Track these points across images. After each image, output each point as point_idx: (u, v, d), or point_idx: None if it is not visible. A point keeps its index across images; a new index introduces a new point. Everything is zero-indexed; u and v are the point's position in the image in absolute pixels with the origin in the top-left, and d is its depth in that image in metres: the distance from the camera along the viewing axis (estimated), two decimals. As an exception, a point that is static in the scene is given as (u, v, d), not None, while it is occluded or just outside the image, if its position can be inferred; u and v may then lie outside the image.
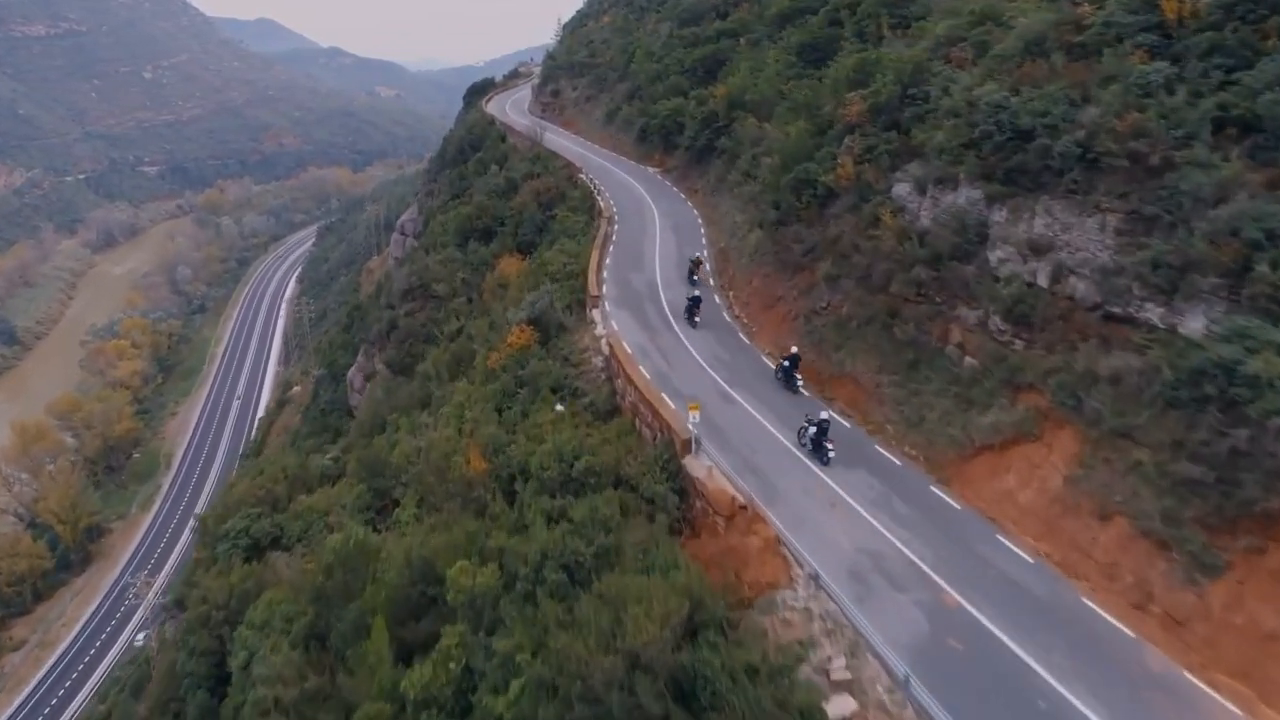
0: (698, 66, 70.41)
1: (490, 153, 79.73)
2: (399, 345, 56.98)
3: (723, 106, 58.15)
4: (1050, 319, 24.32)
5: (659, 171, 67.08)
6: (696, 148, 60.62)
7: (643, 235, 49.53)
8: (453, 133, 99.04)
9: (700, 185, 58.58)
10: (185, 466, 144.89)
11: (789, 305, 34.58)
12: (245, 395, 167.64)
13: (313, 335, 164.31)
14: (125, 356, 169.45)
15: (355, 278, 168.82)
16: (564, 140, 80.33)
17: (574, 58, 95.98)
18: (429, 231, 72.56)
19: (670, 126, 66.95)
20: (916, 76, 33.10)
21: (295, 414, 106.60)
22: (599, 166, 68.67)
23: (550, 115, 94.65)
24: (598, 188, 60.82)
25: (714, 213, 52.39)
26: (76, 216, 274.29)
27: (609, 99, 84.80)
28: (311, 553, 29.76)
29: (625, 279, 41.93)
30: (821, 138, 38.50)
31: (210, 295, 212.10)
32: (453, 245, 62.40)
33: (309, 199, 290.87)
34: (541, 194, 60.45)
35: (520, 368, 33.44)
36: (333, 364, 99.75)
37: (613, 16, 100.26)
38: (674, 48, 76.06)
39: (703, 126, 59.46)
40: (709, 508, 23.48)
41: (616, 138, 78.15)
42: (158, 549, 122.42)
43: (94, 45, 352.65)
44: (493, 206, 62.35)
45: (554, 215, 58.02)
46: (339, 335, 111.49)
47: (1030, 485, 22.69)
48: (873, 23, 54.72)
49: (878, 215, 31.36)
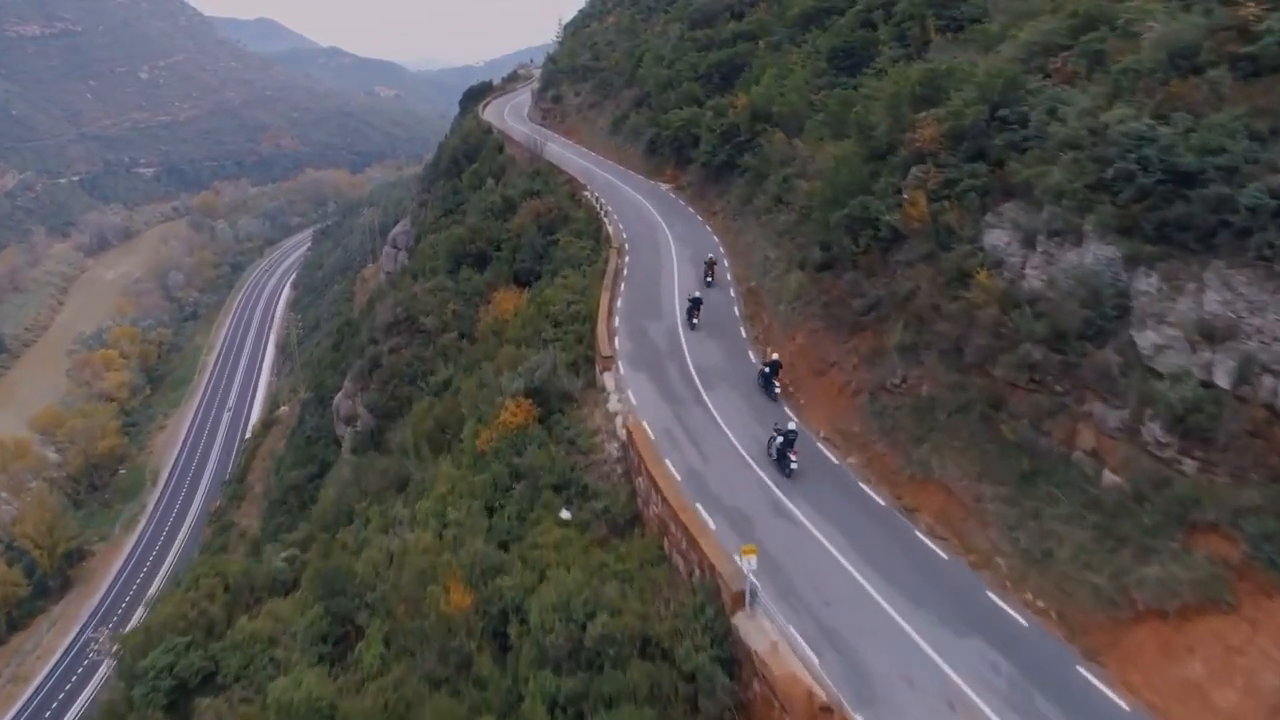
0: (713, 72, 63.55)
1: (486, 165, 72.90)
2: (382, 386, 50.22)
3: (745, 118, 51.35)
4: (1238, 435, 17.55)
5: (671, 188, 60.26)
6: (715, 164, 53.78)
7: (658, 269, 42.73)
8: (448, 140, 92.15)
9: (720, 206, 51.77)
10: (172, 483, 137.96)
11: (846, 375, 27.76)
12: (237, 406, 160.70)
13: (303, 348, 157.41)
14: (113, 367, 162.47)
15: (349, 286, 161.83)
16: (566, 152, 73.53)
17: (576, 61, 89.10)
18: (418, 253, 65.73)
19: (684, 139, 60.11)
20: (1009, 94, 26.29)
21: (282, 437, 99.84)
22: (605, 183, 61.88)
23: (551, 122, 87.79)
24: (604, 208, 54.02)
25: (738, 241, 45.59)
26: (69, 219, 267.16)
27: (615, 106, 77.99)
28: (250, 702, 22.96)
29: (641, 328, 35.12)
30: (878, 164, 31.73)
31: (203, 302, 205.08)
32: (443, 271, 55.59)
33: (306, 201, 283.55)
34: (542, 215, 53.64)
35: (516, 453, 26.67)
36: (320, 386, 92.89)
37: (618, 17, 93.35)
38: (686, 51, 69.19)
39: (722, 141, 52.62)
40: (775, 700, 16.73)
41: (623, 149, 71.32)
42: (140, 574, 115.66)
43: (89, 45, 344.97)
44: (488, 229, 55.53)
45: (556, 240, 51.23)
46: (328, 353, 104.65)
47: (1230, 681, 15.90)
48: (915, 25, 47.96)
49: (965, 270, 24.55)
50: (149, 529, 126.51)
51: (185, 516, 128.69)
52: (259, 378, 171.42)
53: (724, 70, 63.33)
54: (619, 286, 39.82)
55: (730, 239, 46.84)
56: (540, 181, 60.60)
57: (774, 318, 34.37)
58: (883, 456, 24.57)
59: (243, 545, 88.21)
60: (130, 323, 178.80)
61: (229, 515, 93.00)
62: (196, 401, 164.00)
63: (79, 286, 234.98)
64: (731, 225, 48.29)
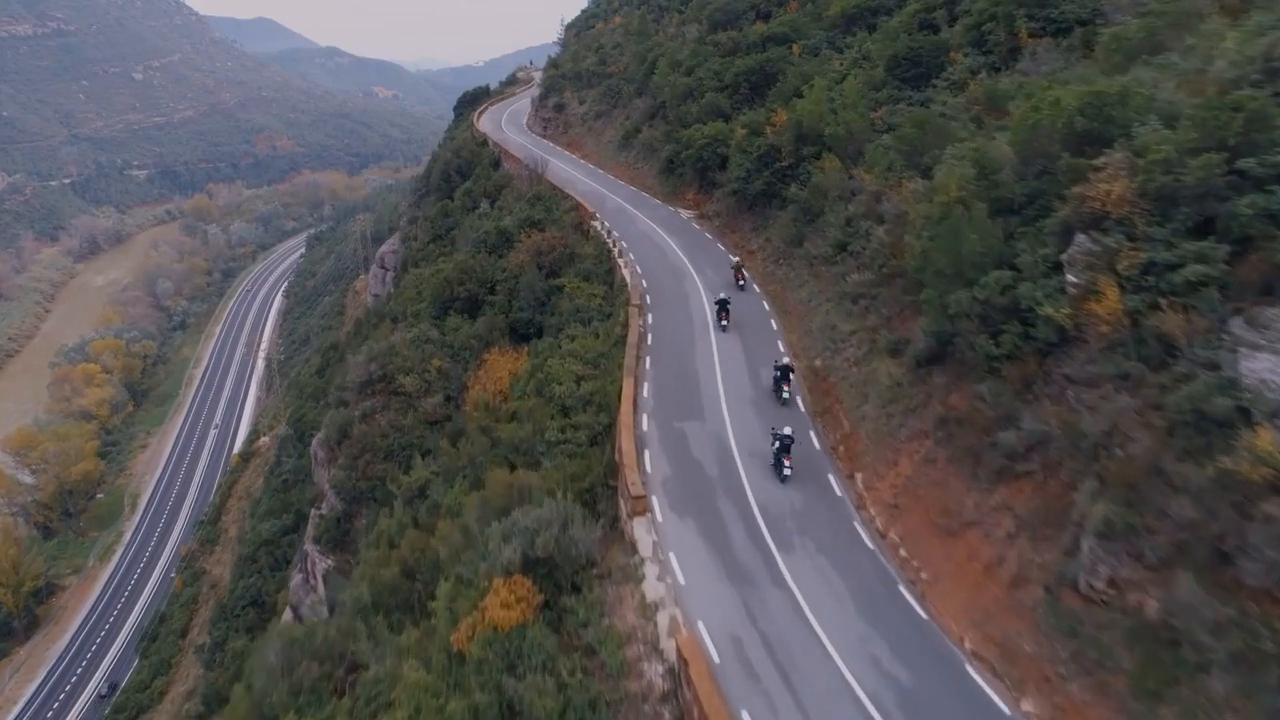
0: (740, 82, 54.11)
1: (480, 183, 63.51)
2: (351, 463, 40.86)
3: (787, 139, 41.96)
4: None
5: (693, 216, 50.91)
6: (750, 192, 44.43)
7: (691, 336, 33.27)
8: (439, 151, 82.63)
9: (758, 245, 42.38)
10: (152, 509, 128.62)
11: (996, 547, 18.40)
12: (224, 424, 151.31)
13: (290, 364, 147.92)
14: (94, 383, 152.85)
15: (340, 298, 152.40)
16: (570, 169, 64.12)
17: (580, 66, 79.55)
18: (399, 292, 56.33)
19: (708, 159, 50.74)
20: (1255, 136, 17.04)
21: (260, 472, 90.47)
22: (616, 209, 52.52)
23: (553, 133, 78.33)
24: (617, 244, 44.67)
25: (787, 295, 36.24)
26: (59, 223, 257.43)
27: (624, 117, 68.55)
28: None
29: (678, 437, 25.73)
30: (1011, 221, 22.45)
31: (192, 310, 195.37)
32: (427, 318, 46.27)
33: (301, 204, 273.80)
34: (544, 253, 44.28)
35: (509, 669, 17.40)
36: (300, 420, 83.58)
37: (625, 17, 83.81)
38: (706, 57, 59.75)
39: (760, 165, 43.21)
40: None
41: (635, 166, 61.94)
42: (113, 612, 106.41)
43: (82, 45, 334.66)
44: (480, 267, 46.17)
45: (560, 286, 41.89)
46: (311, 380, 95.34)
47: None
48: (997, 27, 38.68)
49: (1211, 414, 15.34)
50: (125, 560, 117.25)
51: (165, 546, 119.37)
52: (247, 393, 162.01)
53: (753, 79, 53.94)
54: (643, 365, 30.44)
55: (775, 290, 37.48)
56: (541, 208, 51.22)
57: (856, 423, 25.01)
58: (1084, 709, 15.29)
59: (212, 599, 79.33)
60: (114, 335, 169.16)
61: (201, 561, 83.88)
62: (181, 418, 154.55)
63: (67, 293, 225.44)
64: (775, 271, 38.92)
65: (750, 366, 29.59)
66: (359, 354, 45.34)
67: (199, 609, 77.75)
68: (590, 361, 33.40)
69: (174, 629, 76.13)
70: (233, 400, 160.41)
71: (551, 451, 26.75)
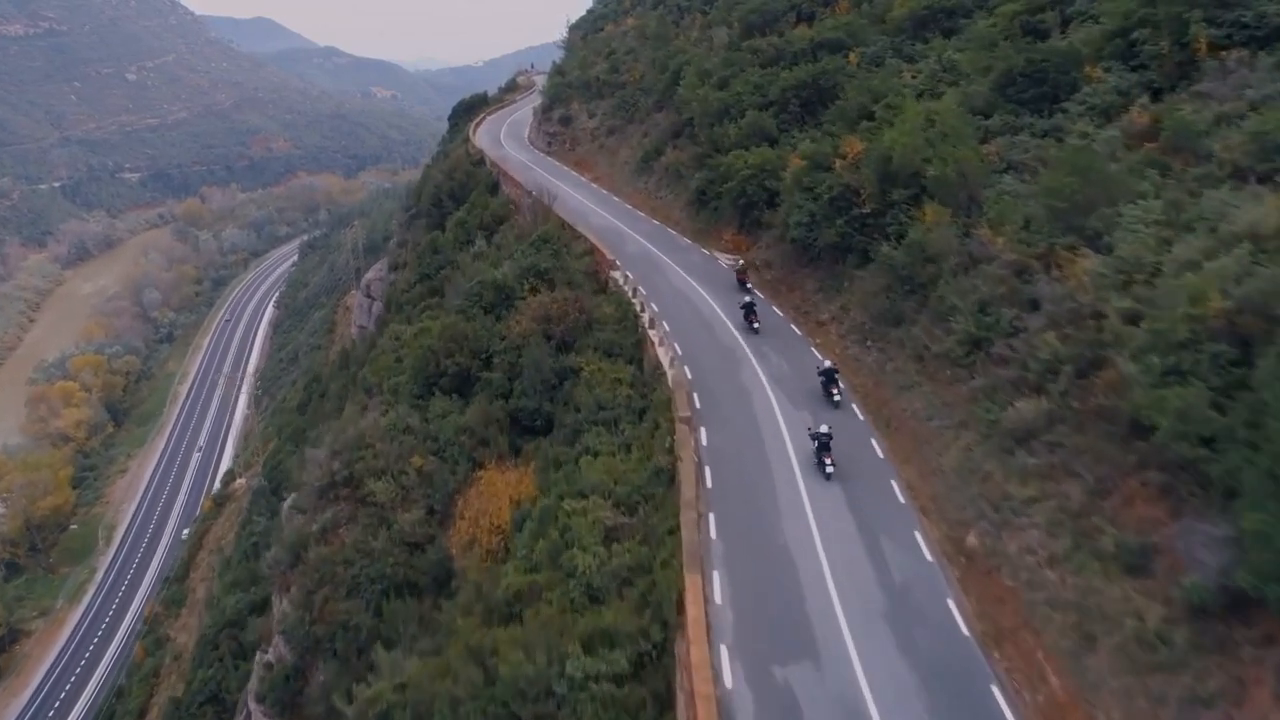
0: (790, 98, 44.02)
1: (476, 213, 53.34)
2: (306, 598, 30.77)
3: (869, 178, 31.85)
4: None
5: (734, 262, 40.85)
6: (815, 242, 34.34)
7: (769, 479, 22.83)
8: (431, 170, 72.32)
9: (831, 313, 32.27)
10: (128, 542, 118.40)
11: None
12: (208, 446, 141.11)
13: (276, 386, 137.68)
14: (72, 402, 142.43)
15: (331, 313, 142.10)
16: (581, 197, 53.94)
17: (589, 74, 69.22)
18: (376, 353, 46.12)
19: (754, 194, 40.66)
20: None
21: (234, 520, 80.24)
22: (640, 254, 42.43)
23: (559, 150, 68.07)
24: (647, 306, 34.58)
25: (887, 397, 26.16)
26: (47, 229, 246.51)
27: (642, 134, 58.37)
28: None
29: (784, 707, 15.68)
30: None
31: (179, 322, 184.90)
32: (407, 397, 36.16)
33: (296, 208, 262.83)
34: (553, 319, 34.16)
35: None
36: (275, 469, 73.48)
37: (639, 18, 73.47)
38: (742, 66, 49.60)
39: (831, 210, 33.05)
40: None
41: (658, 195, 51.81)
42: (81, 661, 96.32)
43: (75, 45, 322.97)
44: (473, 333, 36.07)
45: (576, 367, 31.82)
46: (291, 417, 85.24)
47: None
48: (1160, 35, 28.78)
49: None
50: (96, 602, 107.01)
51: (140, 585, 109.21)
52: (234, 411, 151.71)
53: (804, 95, 43.85)
54: (707, 533, 20.35)
55: (865, 385, 27.40)
56: (549, 253, 41.05)
57: (1077, 687, 14.99)
58: None
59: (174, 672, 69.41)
60: (96, 350, 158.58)
61: (165, 626, 73.85)
62: (164, 440, 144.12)
63: (54, 301, 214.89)
64: (863, 357, 28.83)
65: (869, 546, 19.47)
66: (320, 443, 35.23)
67: (160, 684, 67.76)
68: (623, 501, 23.36)
69: (131, 709, 66.14)
70: (219, 419, 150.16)
71: (575, 700, 16.74)
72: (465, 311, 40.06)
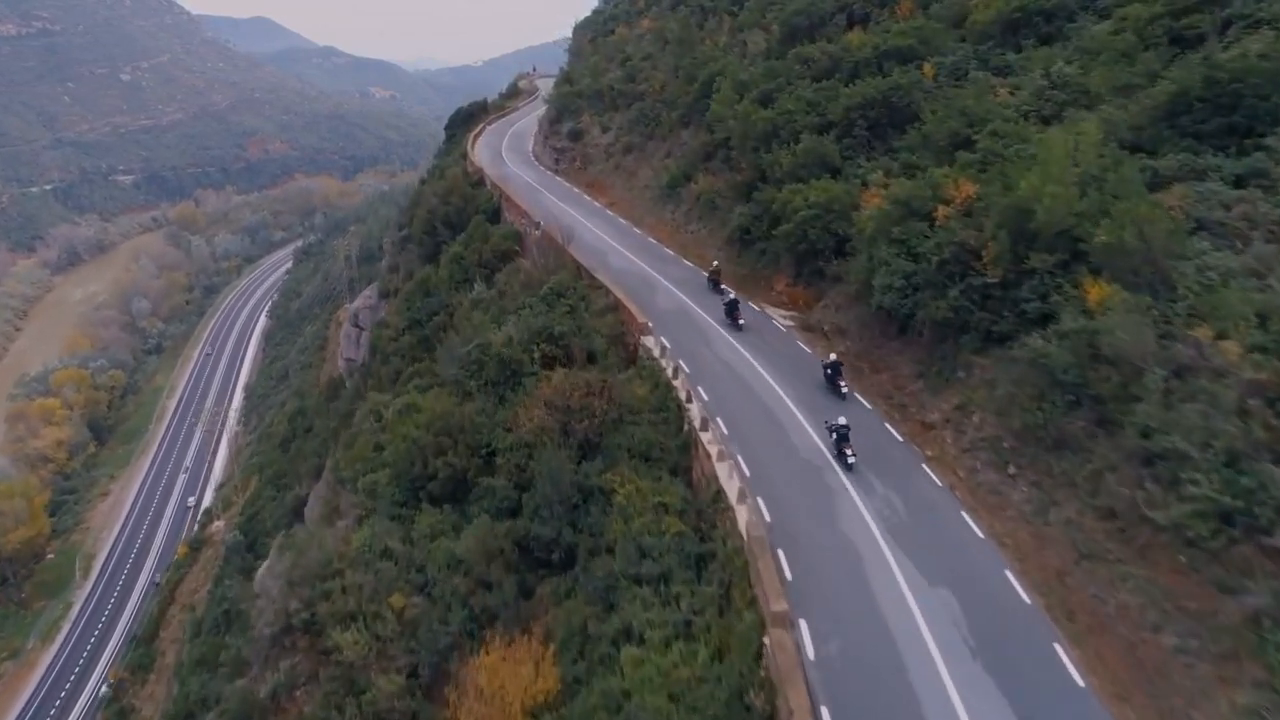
0: (855, 119, 35.73)
1: (474, 247, 45.00)
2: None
3: (997, 236, 23.59)
4: None
5: (790, 319, 32.71)
6: (917, 315, 26.06)
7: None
8: (424, 190, 63.85)
9: (939, 413, 24.00)
10: (108, 573, 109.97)
11: None
12: (195, 466, 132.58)
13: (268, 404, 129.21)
14: (53, 420, 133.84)
15: (323, 327, 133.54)
16: (597, 229, 45.52)
17: (601, 82, 60.75)
18: (353, 433, 37.68)
19: (816, 238, 32.41)
20: None
21: (209, 570, 71.96)
22: (675, 310, 34.09)
23: (569, 169, 59.64)
24: (694, 395, 26.32)
25: (1060, 565, 17.92)
26: (37, 233, 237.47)
27: (666, 153, 50.05)
28: None
29: None
30: None
31: (168, 333, 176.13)
32: (386, 504, 27.93)
33: (292, 212, 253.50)
34: (573, 411, 25.91)
35: None
36: (252, 520, 65.32)
37: (656, 19, 65.01)
38: (789, 78, 41.30)
39: (942, 276, 24.74)
40: None
41: (688, 229, 43.51)
42: (52, 708, 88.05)
43: (68, 45, 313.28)
44: (469, 422, 27.82)
45: (607, 488, 23.58)
46: (273, 455, 77.09)
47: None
48: None
49: None
50: (71, 640, 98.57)
51: (117, 622, 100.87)
52: (223, 429, 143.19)
53: (872, 116, 35.58)
54: None
55: (1027, 543, 19.22)
56: (563, 310, 32.77)
57: None
58: None
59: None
60: (79, 364, 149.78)
61: (129, 695, 65.64)
62: (149, 459, 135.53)
63: (41, 309, 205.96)
64: (1005, 491, 20.51)
65: None
66: (275, 571, 26.96)
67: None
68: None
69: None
70: (207, 438, 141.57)
71: None
72: (461, 383, 31.87)
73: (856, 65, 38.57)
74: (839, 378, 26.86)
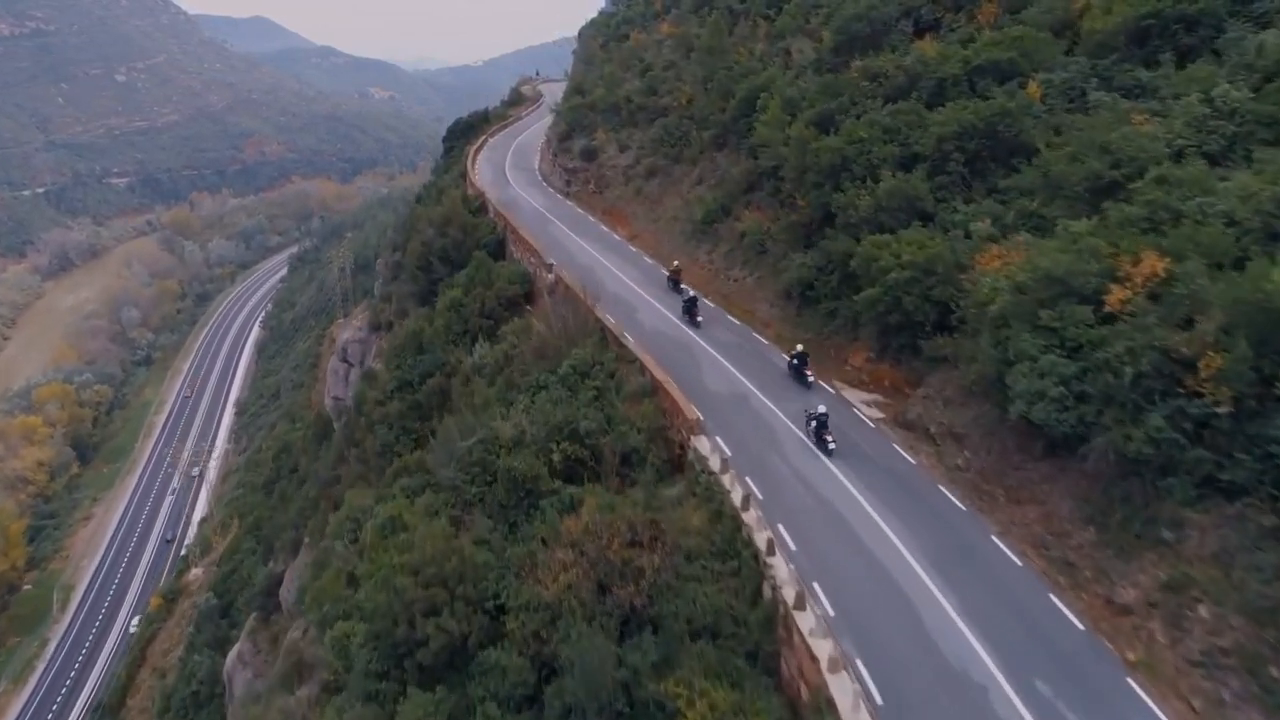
0: (950, 150, 28.32)
1: (475, 293, 37.53)
2: None
3: (1222, 340, 16.23)
4: None
5: (874, 404, 25.35)
6: (1090, 442, 18.70)
7: None
8: (417, 218, 56.23)
9: (1137, 590, 16.66)
10: (87, 606, 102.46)
11: None
12: (182, 489, 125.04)
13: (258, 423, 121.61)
14: (34, 439, 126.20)
15: (316, 343, 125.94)
16: (619, 271, 38.04)
17: (618, 94, 53.22)
18: (320, 566, 30.11)
19: (915, 308, 25.03)
20: None
21: (183, 627, 64.44)
22: (733, 396, 26.59)
23: (581, 192, 52.10)
24: (778, 543, 18.96)
25: None
26: (28, 238, 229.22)
27: (697, 179, 42.53)
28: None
29: None
30: None
31: (158, 344, 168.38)
32: (360, 682, 20.54)
33: (288, 216, 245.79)
34: (613, 566, 18.54)
35: None
36: (228, 579, 57.87)
37: (678, 23, 57.38)
38: (852, 95, 33.85)
39: (1137, 394, 17.37)
40: None
41: (729, 273, 36.03)
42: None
43: (62, 46, 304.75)
44: (470, 568, 20.43)
45: (666, 700, 16.24)
46: (256, 499, 69.64)
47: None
48: None
49: None
50: (46, 681, 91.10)
51: (96, 660, 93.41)
52: (213, 447, 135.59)
53: (970, 147, 28.16)
54: None
55: None
56: (588, 395, 25.36)
57: None
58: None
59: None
60: (64, 378, 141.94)
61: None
62: (135, 480, 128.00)
63: (31, 316, 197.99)
64: None
65: None
66: None
67: None
68: None
69: None
70: (195, 456, 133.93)
71: None
72: (460, 490, 24.54)
73: (941, 83, 31.14)
74: (805, 368, 26.23)
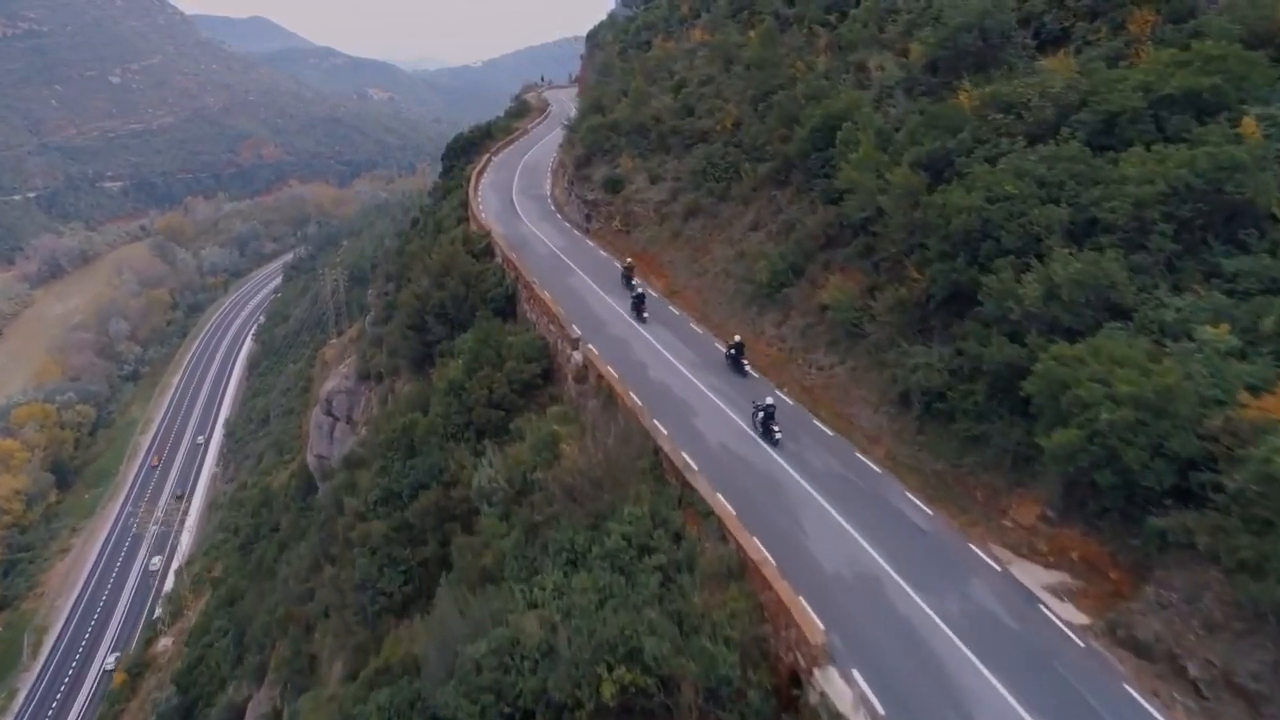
0: (1154, 218, 19.78)
1: (482, 376, 29.03)
2: None
3: None
4: None
5: (1062, 590, 16.88)
6: None
7: None
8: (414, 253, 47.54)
9: None
10: (60, 650, 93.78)
11: None
12: (167, 517, 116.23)
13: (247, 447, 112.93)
14: (11, 465, 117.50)
15: (307, 366, 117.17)
16: (660, 345, 29.68)
17: (644, 113, 44.62)
18: None
19: (1136, 465, 16.57)
20: None
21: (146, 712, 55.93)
22: (856, 572, 18.20)
23: (604, 229, 43.47)
24: None
25: None
26: (18, 243, 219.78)
27: (752, 224, 33.94)
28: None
29: None
30: None
31: (147, 358, 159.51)
32: None
33: (285, 221, 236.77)
34: None
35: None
36: (192, 670, 49.34)
37: (713, 29, 48.59)
38: (975, 132, 25.39)
39: None
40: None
41: (809, 357, 27.48)
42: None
43: (56, 47, 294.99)
44: None
45: None
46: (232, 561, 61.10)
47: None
48: None
49: None
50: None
51: (68, 713, 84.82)
52: (200, 469, 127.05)
53: (1182, 213, 19.71)
54: None
55: None
56: (651, 588, 16.93)
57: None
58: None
59: None
60: (45, 397, 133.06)
61: None
62: (117, 508, 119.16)
63: (19, 325, 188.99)
64: None
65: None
66: None
67: None
68: None
69: None
70: (182, 480, 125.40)
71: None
72: None
73: (1112, 118, 22.61)
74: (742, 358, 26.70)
